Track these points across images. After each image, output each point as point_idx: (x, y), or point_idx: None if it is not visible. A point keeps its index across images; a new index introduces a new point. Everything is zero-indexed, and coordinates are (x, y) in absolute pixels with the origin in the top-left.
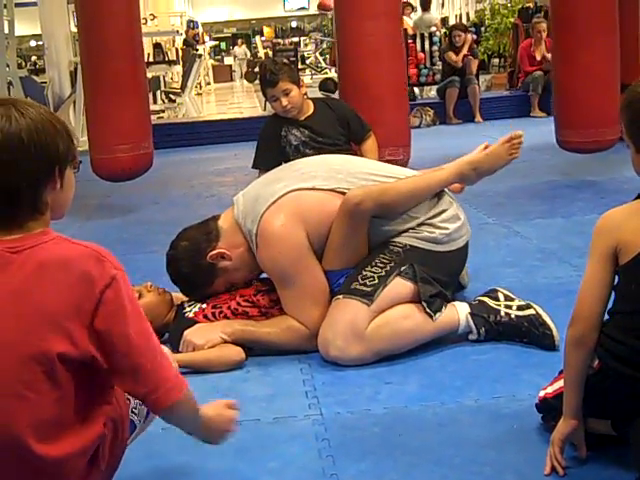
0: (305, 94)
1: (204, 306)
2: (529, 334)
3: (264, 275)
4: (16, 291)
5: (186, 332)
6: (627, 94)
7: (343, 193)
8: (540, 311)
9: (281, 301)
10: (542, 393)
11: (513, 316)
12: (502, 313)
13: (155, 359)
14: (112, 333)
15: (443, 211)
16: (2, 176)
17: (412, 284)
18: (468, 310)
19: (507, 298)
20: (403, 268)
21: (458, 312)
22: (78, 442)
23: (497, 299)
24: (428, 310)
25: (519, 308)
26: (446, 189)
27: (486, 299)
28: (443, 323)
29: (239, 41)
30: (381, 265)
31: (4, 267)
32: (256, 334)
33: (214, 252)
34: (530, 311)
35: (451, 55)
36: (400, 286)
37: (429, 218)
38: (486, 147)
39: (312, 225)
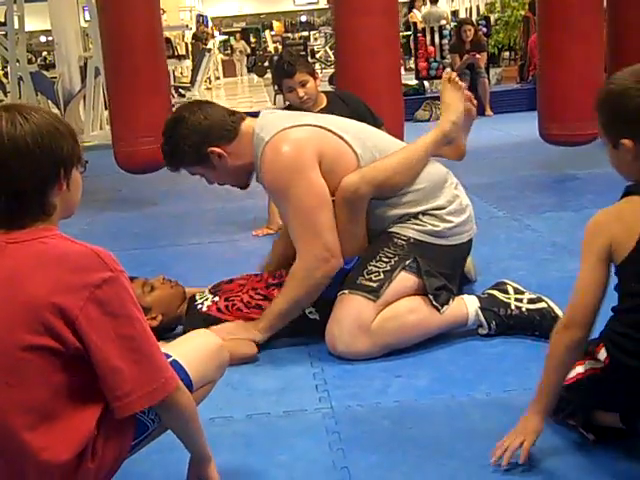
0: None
1: (216, 299)
2: (541, 327)
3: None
4: (6, 279)
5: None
6: (601, 92)
7: (359, 161)
8: (552, 304)
9: (289, 232)
10: None
11: (524, 309)
12: (512, 307)
13: (140, 362)
14: (95, 334)
15: (449, 203)
16: (9, 180)
17: (417, 278)
18: (478, 304)
19: (517, 291)
20: (408, 262)
21: (467, 306)
22: (66, 435)
23: (507, 292)
24: (435, 303)
25: (530, 301)
26: (455, 181)
27: (495, 292)
28: (451, 317)
29: (237, 35)
30: (386, 260)
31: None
32: (280, 313)
33: (217, 150)
34: (542, 304)
35: (456, 59)
36: (405, 280)
37: (434, 209)
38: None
39: (324, 166)
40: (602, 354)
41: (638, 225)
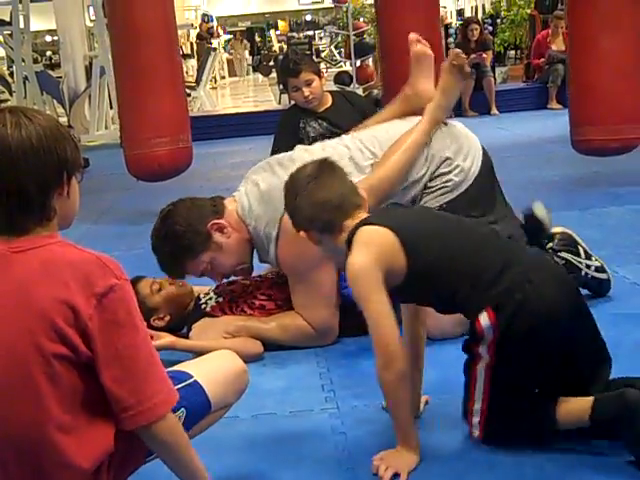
0: None
1: (220, 300)
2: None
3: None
4: (15, 290)
5: (192, 331)
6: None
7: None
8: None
9: (292, 297)
10: None
11: (590, 277)
12: (583, 273)
13: (140, 375)
14: (101, 342)
15: (447, 158)
16: (13, 179)
17: None
18: None
19: (587, 256)
20: None
21: None
22: (87, 445)
23: (578, 254)
24: None
25: (597, 270)
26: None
27: (568, 256)
28: None
29: (237, 34)
30: None
31: (5, 266)
32: (260, 330)
33: (216, 221)
34: (604, 275)
35: None
36: None
37: (441, 164)
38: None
39: None
40: (482, 349)
41: (389, 239)
